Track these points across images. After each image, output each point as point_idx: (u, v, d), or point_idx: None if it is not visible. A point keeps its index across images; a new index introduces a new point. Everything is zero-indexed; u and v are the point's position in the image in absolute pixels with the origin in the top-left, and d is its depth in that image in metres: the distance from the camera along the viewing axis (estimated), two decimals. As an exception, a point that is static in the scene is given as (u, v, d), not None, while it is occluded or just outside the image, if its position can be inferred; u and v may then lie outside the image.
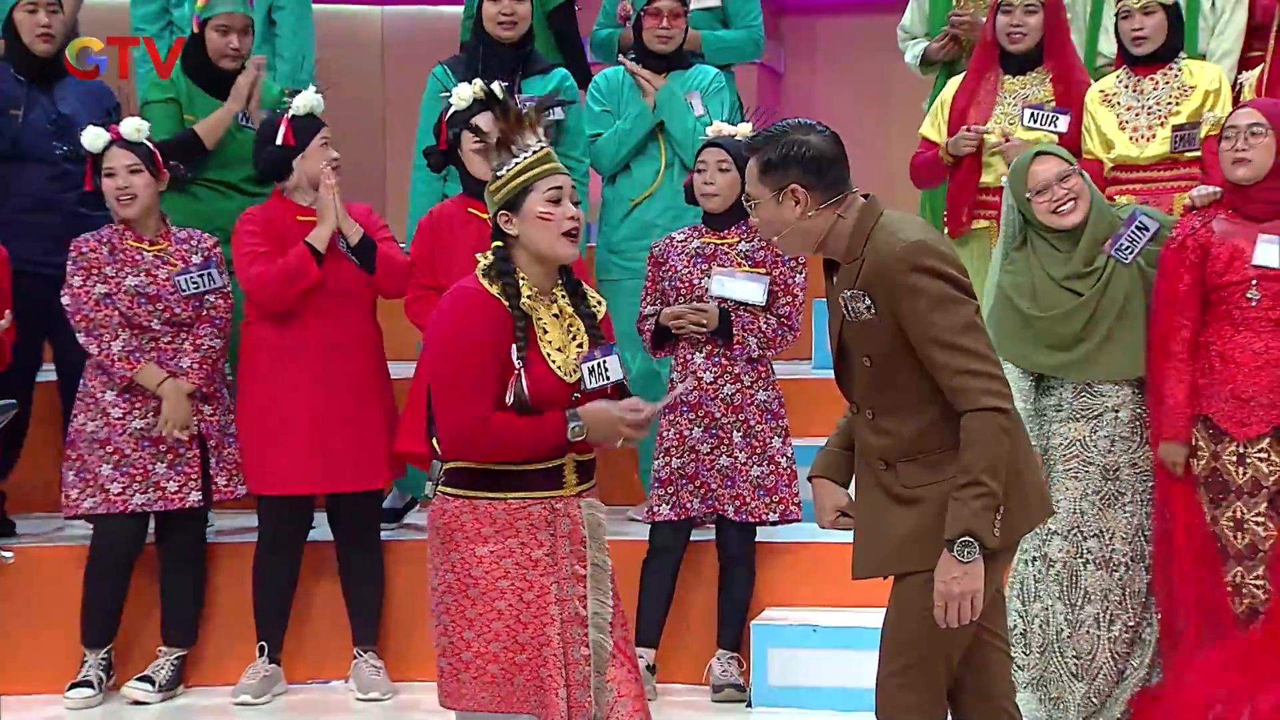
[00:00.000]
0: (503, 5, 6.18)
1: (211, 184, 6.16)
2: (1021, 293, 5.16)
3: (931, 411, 3.71)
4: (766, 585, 5.86)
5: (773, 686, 5.58)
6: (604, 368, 3.86)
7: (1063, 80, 5.98)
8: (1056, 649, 5.18)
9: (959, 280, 3.68)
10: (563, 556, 3.84)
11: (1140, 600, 5.18)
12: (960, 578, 3.63)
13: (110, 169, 5.68)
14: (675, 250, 5.68)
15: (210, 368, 5.71)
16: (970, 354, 3.64)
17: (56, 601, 5.81)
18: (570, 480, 3.87)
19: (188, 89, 6.19)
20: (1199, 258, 5.12)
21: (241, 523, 6.22)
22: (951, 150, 5.96)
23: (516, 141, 3.81)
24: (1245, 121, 5.12)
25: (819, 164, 3.71)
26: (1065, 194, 5.11)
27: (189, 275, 5.68)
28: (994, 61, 6.05)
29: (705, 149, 5.65)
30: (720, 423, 5.60)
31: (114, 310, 5.65)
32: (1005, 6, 5.99)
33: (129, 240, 5.71)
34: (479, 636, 3.79)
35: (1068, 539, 5.16)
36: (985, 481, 3.61)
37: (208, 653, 5.93)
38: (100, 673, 5.76)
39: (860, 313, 3.71)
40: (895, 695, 3.81)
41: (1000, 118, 5.97)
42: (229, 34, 6.13)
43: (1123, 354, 5.13)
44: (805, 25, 9.57)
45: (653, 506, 5.63)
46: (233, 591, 5.88)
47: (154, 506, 5.68)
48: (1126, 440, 5.16)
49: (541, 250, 3.81)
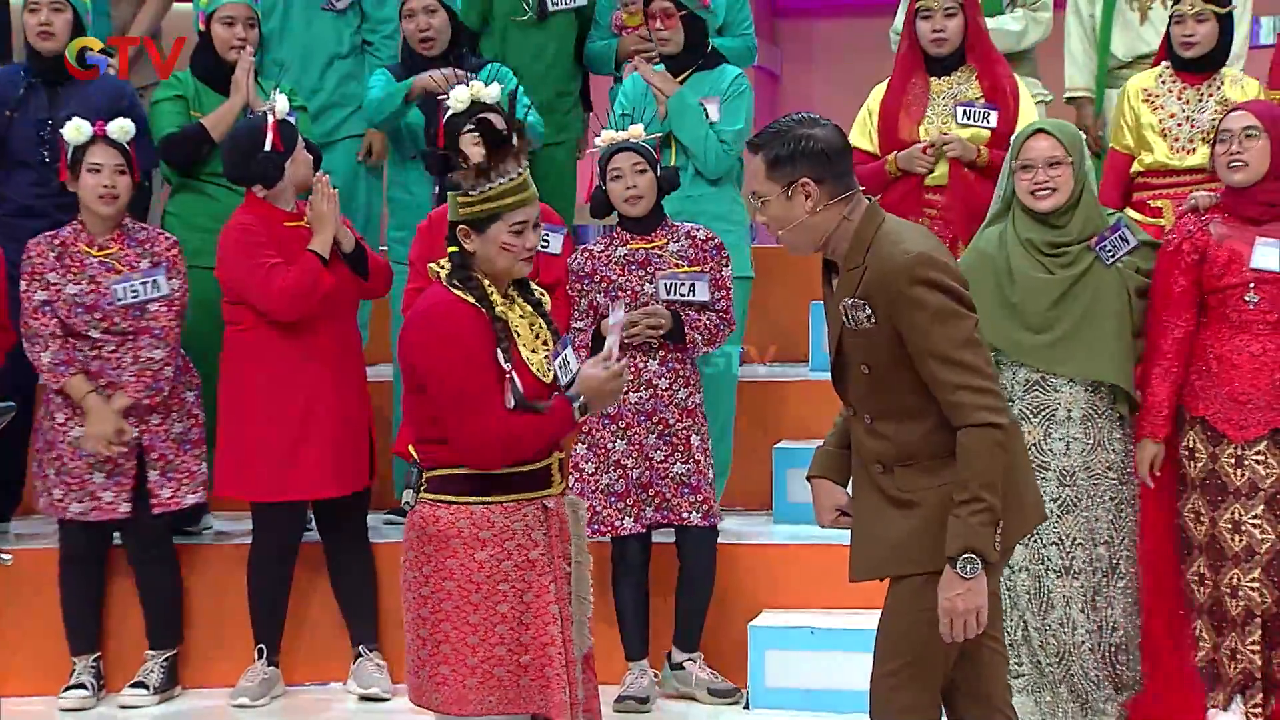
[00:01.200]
0: (418, 21, 6.30)
1: (222, 179, 6.09)
2: (996, 258, 5.10)
3: (930, 418, 3.72)
4: (762, 587, 5.86)
5: (770, 688, 5.58)
6: (567, 361, 3.92)
7: (988, 75, 5.98)
8: (1035, 657, 5.18)
9: (961, 294, 3.69)
10: (557, 556, 3.88)
11: (1105, 603, 5.14)
12: (964, 594, 3.65)
13: (96, 165, 5.64)
14: (601, 261, 5.62)
15: (150, 379, 5.65)
16: (969, 369, 3.65)
17: (51, 604, 5.81)
18: (556, 479, 3.92)
19: (195, 87, 6.19)
20: (1196, 261, 5.12)
21: (238, 525, 6.21)
22: (903, 166, 5.93)
23: (498, 168, 3.84)
24: (1239, 125, 5.12)
25: (828, 157, 3.71)
26: (1045, 180, 5.08)
27: (128, 284, 5.62)
28: (918, 66, 6.03)
29: (615, 155, 5.58)
30: (674, 429, 5.57)
31: (51, 318, 5.61)
32: (924, 12, 5.98)
33: (81, 244, 5.67)
34: (483, 641, 3.81)
35: (1029, 547, 5.12)
36: (984, 497, 3.63)
37: (205, 655, 5.93)
38: (92, 677, 5.76)
39: (860, 321, 3.72)
40: (890, 696, 3.81)
41: (932, 118, 5.96)
42: (234, 25, 6.15)
43: (1085, 352, 5.07)
44: (802, 28, 9.59)
45: (611, 522, 5.55)
46: (229, 593, 5.87)
47: (89, 516, 5.67)
48: (1080, 442, 5.12)
49: (497, 270, 3.87)
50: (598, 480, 5.57)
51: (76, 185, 5.67)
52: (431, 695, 3.86)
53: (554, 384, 3.89)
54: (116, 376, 5.65)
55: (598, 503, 5.55)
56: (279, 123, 5.65)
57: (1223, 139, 5.14)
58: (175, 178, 6.25)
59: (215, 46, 6.17)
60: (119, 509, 5.67)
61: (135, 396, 5.64)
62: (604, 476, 5.56)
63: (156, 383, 5.67)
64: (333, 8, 6.60)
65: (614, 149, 5.60)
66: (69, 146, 5.66)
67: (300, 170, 5.69)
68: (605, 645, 5.61)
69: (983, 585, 3.66)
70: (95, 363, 5.66)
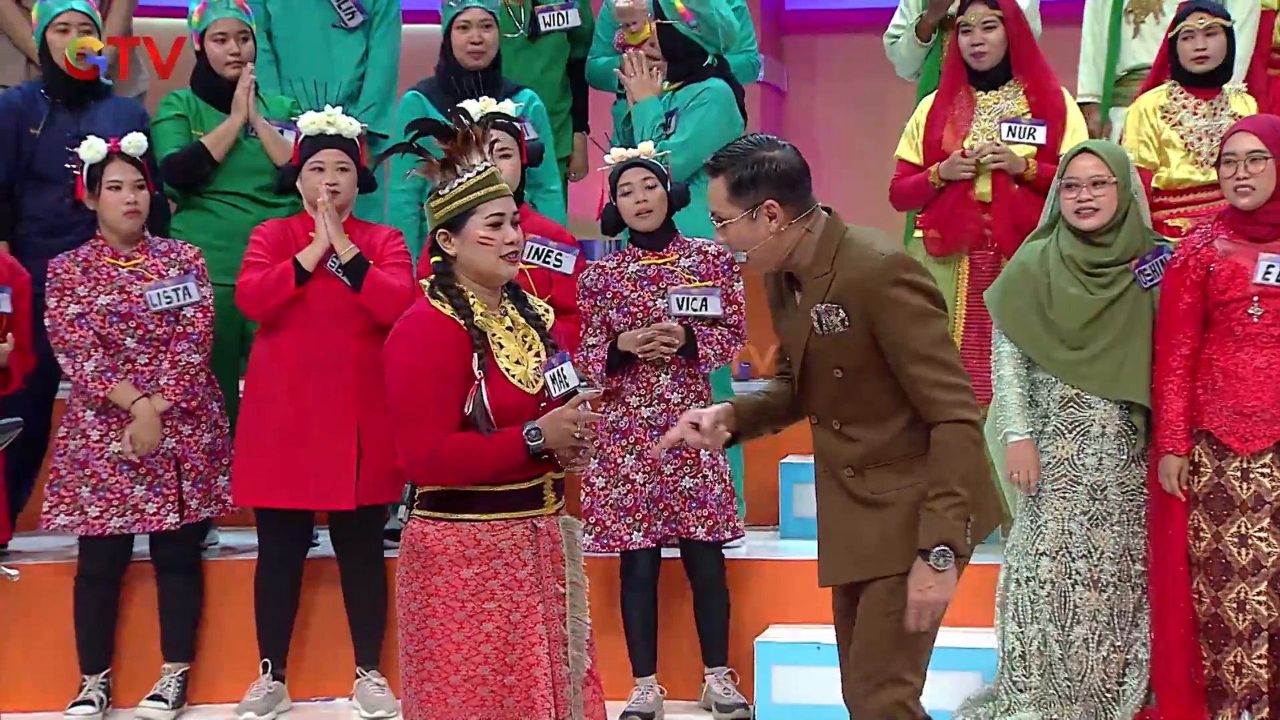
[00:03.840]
0: (471, 34, 6.28)
1: (225, 196, 6.15)
2: (1037, 273, 5.16)
3: (900, 419, 3.79)
4: (769, 602, 5.86)
5: (776, 704, 5.58)
6: (563, 374, 3.87)
7: (1036, 91, 5.97)
8: (1051, 671, 5.19)
9: (935, 294, 3.77)
10: (546, 576, 3.85)
11: (1129, 620, 5.19)
12: (935, 586, 3.73)
13: (116, 182, 5.68)
14: (613, 277, 5.63)
15: (189, 383, 5.69)
16: (944, 366, 3.73)
17: (59, 619, 5.81)
18: (549, 498, 3.88)
19: (196, 105, 6.20)
20: (1200, 277, 5.13)
21: (245, 540, 6.22)
22: (946, 175, 5.92)
23: (461, 161, 3.81)
24: (1245, 148, 5.12)
25: (790, 179, 3.77)
26: (1089, 199, 5.12)
27: (161, 290, 5.67)
28: (963, 80, 6.03)
29: (625, 170, 5.60)
30: (685, 443, 5.57)
31: (88, 330, 5.64)
32: (964, 27, 5.98)
33: (105, 257, 5.71)
34: (467, 660, 3.78)
35: (1056, 560, 5.17)
36: (958, 492, 3.70)
37: (212, 670, 5.93)
38: (101, 693, 5.77)
39: (834, 325, 3.76)
40: (870, 700, 3.83)
41: (978, 134, 5.95)
42: (226, 41, 6.15)
43: (1115, 371, 5.14)
44: (808, 44, 9.59)
45: (620, 536, 5.57)
46: (236, 608, 5.88)
47: (133, 529, 5.69)
48: (1113, 458, 5.17)
49: (481, 271, 3.83)
50: (607, 494, 5.58)
51: (96, 203, 5.71)
52: (417, 712, 3.84)
53: (541, 395, 3.84)
54: (150, 385, 5.67)
55: (607, 517, 5.56)
56: (305, 138, 5.71)
57: (1228, 161, 5.15)
58: (179, 195, 6.26)
59: (211, 64, 6.19)
60: (165, 520, 5.68)
61: (174, 399, 5.66)
62: (614, 491, 5.57)
63: (193, 387, 5.71)
64: (344, 25, 6.62)
65: (624, 165, 5.63)
66: (84, 165, 5.69)
67: (307, 185, 5.72)
68: (614, 661, 5.65)
69: (953, 578, 3.73)
70: (131, 375, 5.68)
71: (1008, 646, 5.25)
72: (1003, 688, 5.25)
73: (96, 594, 5.81)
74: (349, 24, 6.63)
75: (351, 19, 6.62)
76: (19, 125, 6.10)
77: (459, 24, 6.30)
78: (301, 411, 5.68)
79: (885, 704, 3.82)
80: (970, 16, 5.97)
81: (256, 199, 6.15)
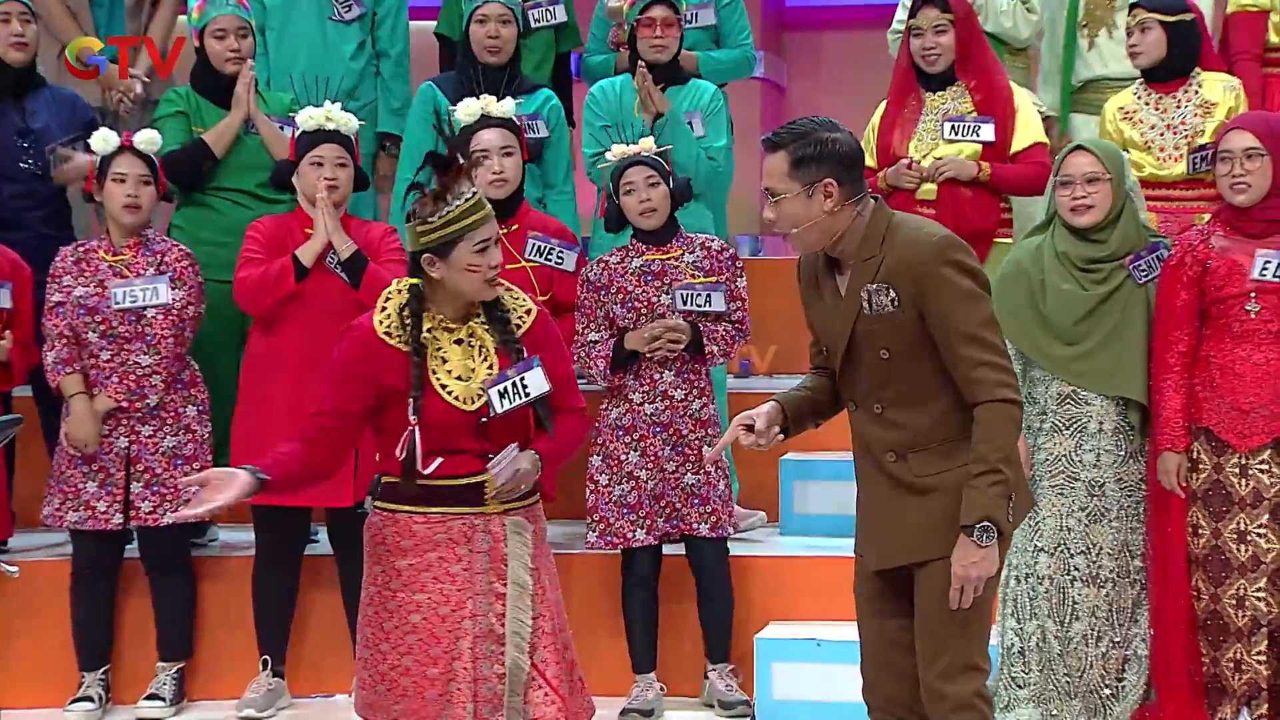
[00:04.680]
0: (489, 29, 6.26)
1: (226, 193, 6.15)
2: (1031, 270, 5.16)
3: (942, 402, 3.84)
4: (769, 599, 5.86)
5: (776, 700, 5.57)
6: (520, 386, 3.89)
7: (982, 89, 5.99)
8: (1051, 667, 5.19)
9: (982, 276, 3.85)
10: (479, 572, 3.89)
11: (1128, 616, 5.19)
12: (979, 561, 3.78)
13: (121, 175, 5.70)
14: (617, 272, 5.63)
15: (133, 384, 5.67)
16: (990, 347, 3.80)
17: (58, 616, 5.82)
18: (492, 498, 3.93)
19: (196, 102, 6.21)
20: (1197, 274, 5.14)
21: (243, 536, 6.21)
22: (891, 182, 5.95)
23: (451, 190, 3.86)
24: (1240, 145, 5.13)
25: (849, 160, 3.85)
26: (1083, 196, 5.13)
27: (128, 288, 5.66)
28: (913, 84, 6.05)
29: (628, 169, 5.59)
30: (687, 440, 5.58)
31: (61, 320, 5.67)
32: (915, 30, 6.00)
33: (99, 251, 5.73)
34: (394, 649, 3.87)
35: (1055, 556, 5.18)
36: (1002, 469, 3.76)
37: (211, 666, 5.93)
38: (100, 690, 5.77)
39: (883, 305, 3.82)
40: (949, 688, 3.85)
41: (922, 135, 5.98)
42: (225, 37, 6.16)
43: (1109, 367, 5.14)
44: (808, 40, 9.58)
45: (623, 533, 5.57)
46: (235, 605, 5.88)
47: (84, 525, 5.69)
48: (1111, 454, 5.17)
49: (464, 293, 3.90)
50: (610, 491, 5.58)
51: (101, 194, 5.72)
52: (355, 697, 3.96)
53: (482, 410, 3.88)
54: (107, 381, 5.68)
55: (611, 514, 5.56)
56: (302, 134, 5.71)
57: (1224, 159, 5.16)
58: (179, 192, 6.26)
59: (210, 60, 6.19)
60: (111, 519, 5.68)
61: (115, 398, 5.65)
62: (617, 488, 5.57)
63: (140, 389, 5.67)
64: (341, 19, 6.62)
65: (626, 163, 5.62)
66: (96, 157, 5.71)
67: (306, 182, 5.72)
68: (612, 658, 5.65)
69: (995, 554, 3.78)
70: (92, 370, 5.70)
71: (1007, 643, 5.25)
72: (1002, 684, 5.25)
73: (91, 590, 5.80)
74: (346, 16, 6.63)
75: (349, 11, 6.62)
76: None
77: (477, 18, 6.28)
78: (299, 407, 5.67)
79: (966, 694, 3.86)
80: (922, 20, 6.00)
81: (257, 195, 6.15)
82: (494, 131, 5.70)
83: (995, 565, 3.80)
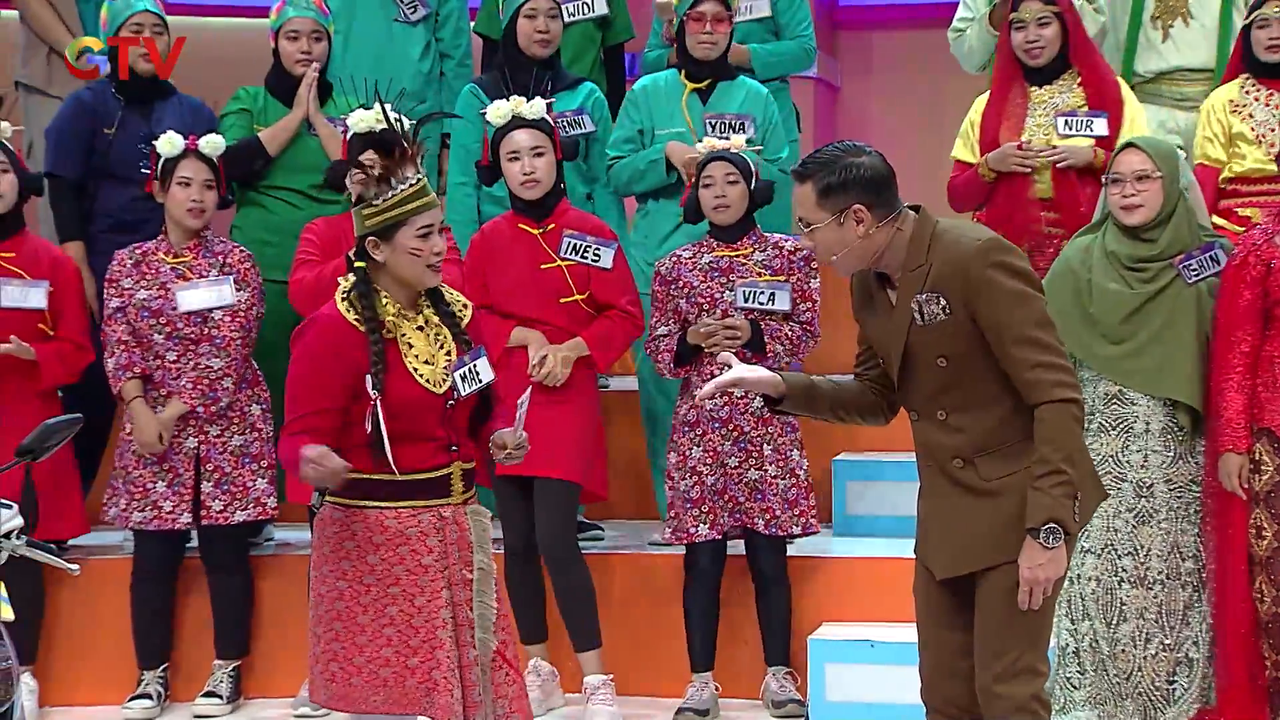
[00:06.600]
0: (538, 23, 6.26)
1: (279, 192, 6.19)
2: (1079, 269, 5.14)
3: (1005, 404, 3.83)
4: (823, 600, 5.85)
5: (830, 702, 5.57)
6: (475, 372, 4.01)
7: (1093, 83, 5.90)
8: (1104, 668, 5.16)
9: (1031, 276, 3.84)
10: (453, 562, 3.99)
11: (1179, 618, 5.15)
12: (1046, 564, 3.77)
13: (186, 179, 5.76)
14: (686, 267, 5.65)
15: (207, 387, 5.72)
16: (1044, 347, 3.79)
17: (118, 614, 5.87)
18: (457, 488, 4.03)
19: (264, 102, 6.25)
20: (1260, 274, 5.11)
21: (299, 535, 6.24)
22: (994, 166, 5.85)
23: (396, 174, 3.93)
24: None
25: (876, 184, 3.84)
26: (1133, 194, 5.10)
27: (193, 290, 5.72)
28: (1017, 75, 5.95)
29: (710, 163, 5.61)
30: (749, 436, 5.58)
31: (122, 324, 5.72)
32: (1018, 23, 5.90)
33: (159, 253, 5.78)
34: (371, 641, 3.95)
35: (1102, 557, 5.15)
36: (1065, 470, 3.75)
37: (268, 664, 5.97)
38: (159, 687, 5.82)
39: (935, 314, 3.81)
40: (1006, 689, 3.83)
41: (1033, 129, 5.89)
42: (298, 39, 6.20)
43: (1155, 367, 5.11)
44: (861, 39, 9.55)
45: (687, 528, 5.58)
46: (291, 603, 5.89)
47: (150, 525, 5.74)
48: (1159, 455, 5.14)
49: (407, 278, 3.98)
50: (678, 487, 5.60)
51: (165, 197, 5.77)
52: (323, 691, 4.00)
53: (449, 394, 3.98)
54: (175, 384, 5.72)
55: (681, 511, 5.59)
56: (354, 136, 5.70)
57: None
58: (238, 192, 6.30)
59: (282, 61, 6.22)
60: (179, 519, 5.73)
61: (190, 404, 5.71)
62: (682, 483, 5.59)
63: (213, 392, 5.73)
64: (406, 20, 6.64)
65: (711, 157, 5.64)
66: (159, 159, 5.77)
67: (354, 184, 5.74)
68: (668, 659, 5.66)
69: (1063, 555, 3.77)
70: (158, 371, 5.74)
71: (1062, 643, 5.23)
72: (1058, 685, 5.23)
73: (153, 589, 5.86)
74: (411, 18, 6.66)
75: (414, 12, 6.65)
76: (93, 125, 6.17)
77: (526, 12, 6.27)
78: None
79: (1023, 697, 3.84)
80: (1025, 13, 5.90)
81: (310, 195, 6.19)
82: (525, 132, 5.66)
83: (1063, 567, 3.79)
